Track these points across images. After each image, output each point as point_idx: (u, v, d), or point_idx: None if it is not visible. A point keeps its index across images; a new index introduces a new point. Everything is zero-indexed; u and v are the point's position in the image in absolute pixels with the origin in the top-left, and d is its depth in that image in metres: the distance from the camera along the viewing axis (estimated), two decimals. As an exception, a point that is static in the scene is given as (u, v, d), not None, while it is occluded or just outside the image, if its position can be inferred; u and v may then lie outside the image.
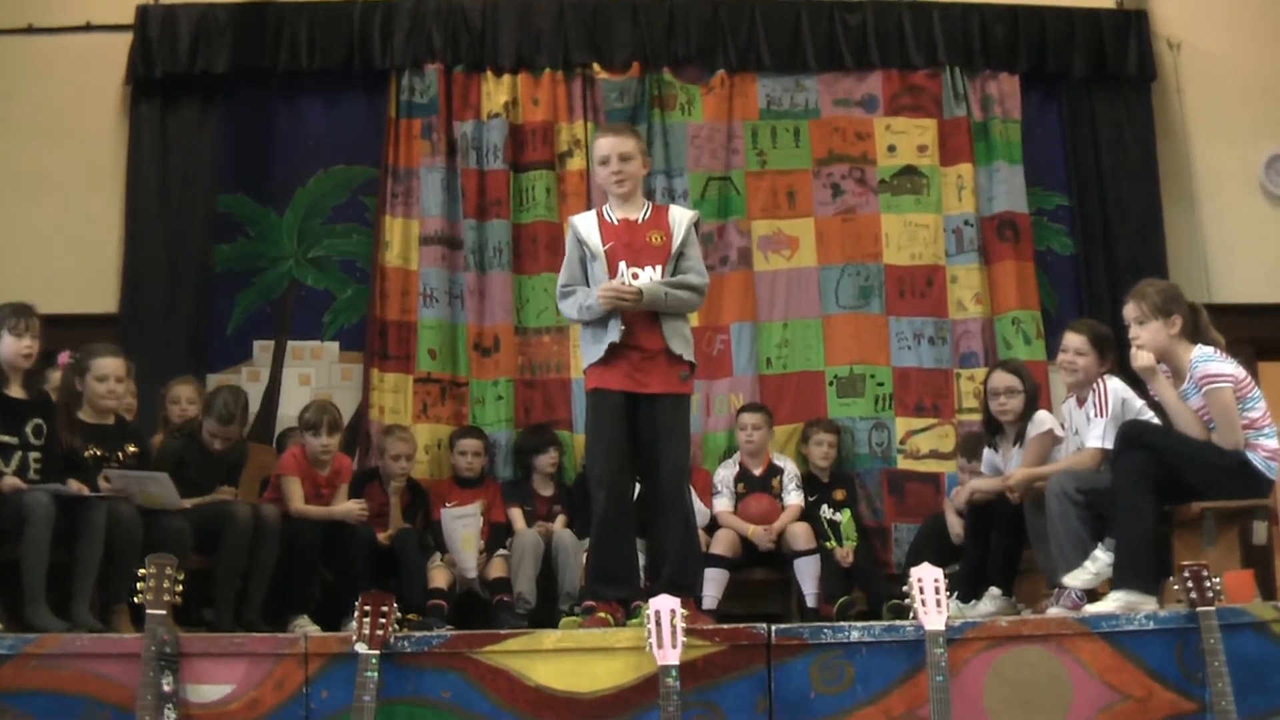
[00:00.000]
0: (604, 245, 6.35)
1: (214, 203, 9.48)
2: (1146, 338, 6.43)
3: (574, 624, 6.27)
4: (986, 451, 7.72)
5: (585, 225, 6.47)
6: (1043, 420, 7.41)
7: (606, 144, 6.47)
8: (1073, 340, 7.17)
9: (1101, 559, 6.27)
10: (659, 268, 6.33)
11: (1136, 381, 6.80)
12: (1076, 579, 6.35)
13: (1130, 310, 6.52)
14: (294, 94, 9.75)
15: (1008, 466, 7.43)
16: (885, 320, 9.45)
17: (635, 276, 6.27)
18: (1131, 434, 6.34)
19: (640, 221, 6.45)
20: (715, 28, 9.76)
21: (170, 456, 7.43)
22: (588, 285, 6.38)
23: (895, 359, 9.43)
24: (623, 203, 6.49)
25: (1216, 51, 10.04)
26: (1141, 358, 6.41)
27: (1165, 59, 9.97)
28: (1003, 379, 7.52)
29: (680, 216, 6.50)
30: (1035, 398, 7.52)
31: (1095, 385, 6.96)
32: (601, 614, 6.16)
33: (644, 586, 6.38)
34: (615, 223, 6.44)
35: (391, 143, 9.53)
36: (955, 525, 8.10)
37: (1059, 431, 7.33)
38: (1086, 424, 6.98)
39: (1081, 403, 7.08)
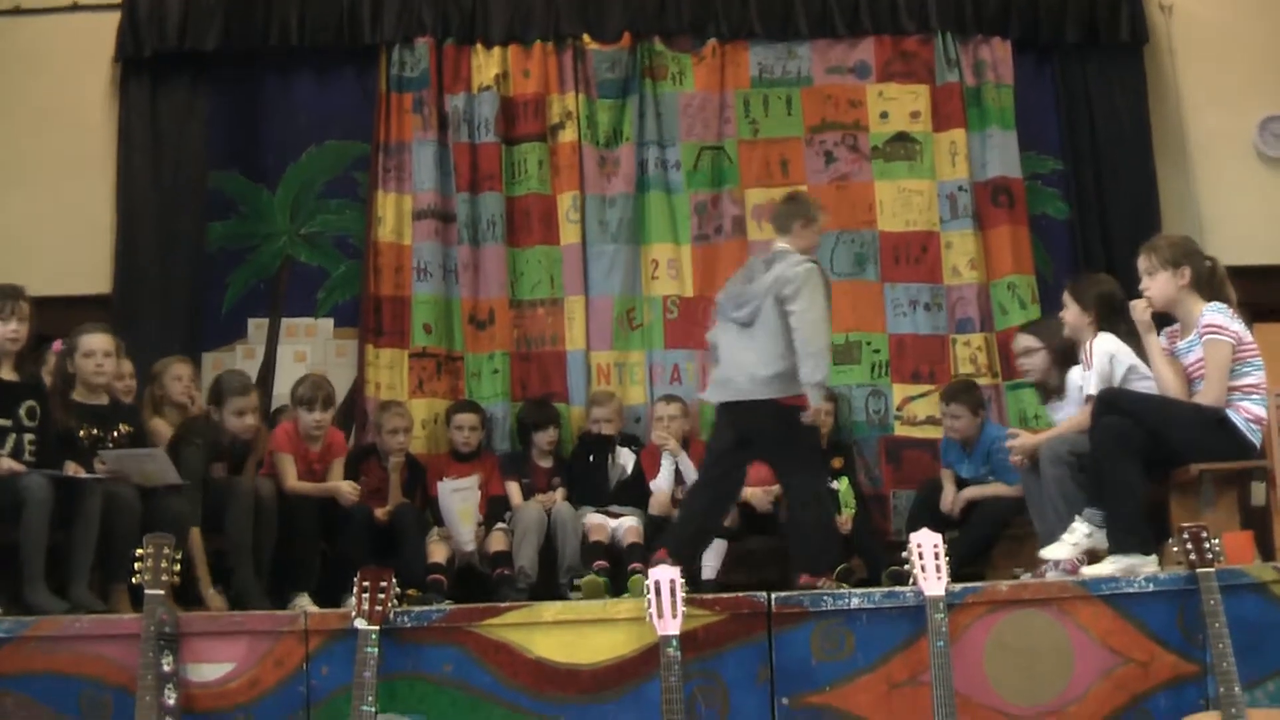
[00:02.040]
0: None
1: (206, 181, 9.45)
2: (1155, 289, 6.47)
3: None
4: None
5: None
6: (1075, 381, 7.30)
7: None
8: (1019, 342, 7.70)
9: (1079, 530, 6.27)
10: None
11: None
12: (1054, 551, 6.36)
13: (1142, 262, 6.58)
14: (284, 70, 9.71)
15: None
16: (880, 287, 9.43)
17: None
18: (1107, 399, 6.36)
19: None
20: (706, -4, 9.73)
21: (199, 444, 7.41)
22: None
23: (891, 326, 9.41)
24: None
25: (1208, 14, 9.99)
26: (1139, 308, 6.45)
27: (1157, 22, 9.93)
28: (1020, 341, 7.76)
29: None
30: (1067, 352, 7.37)
31: (1085, 344, 6.93)
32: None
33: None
34: None
35: (383, 117, 9.49)
36: (949, 494, 8.14)
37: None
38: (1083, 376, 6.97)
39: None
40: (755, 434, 7.27)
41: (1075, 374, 7.15)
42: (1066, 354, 7.35)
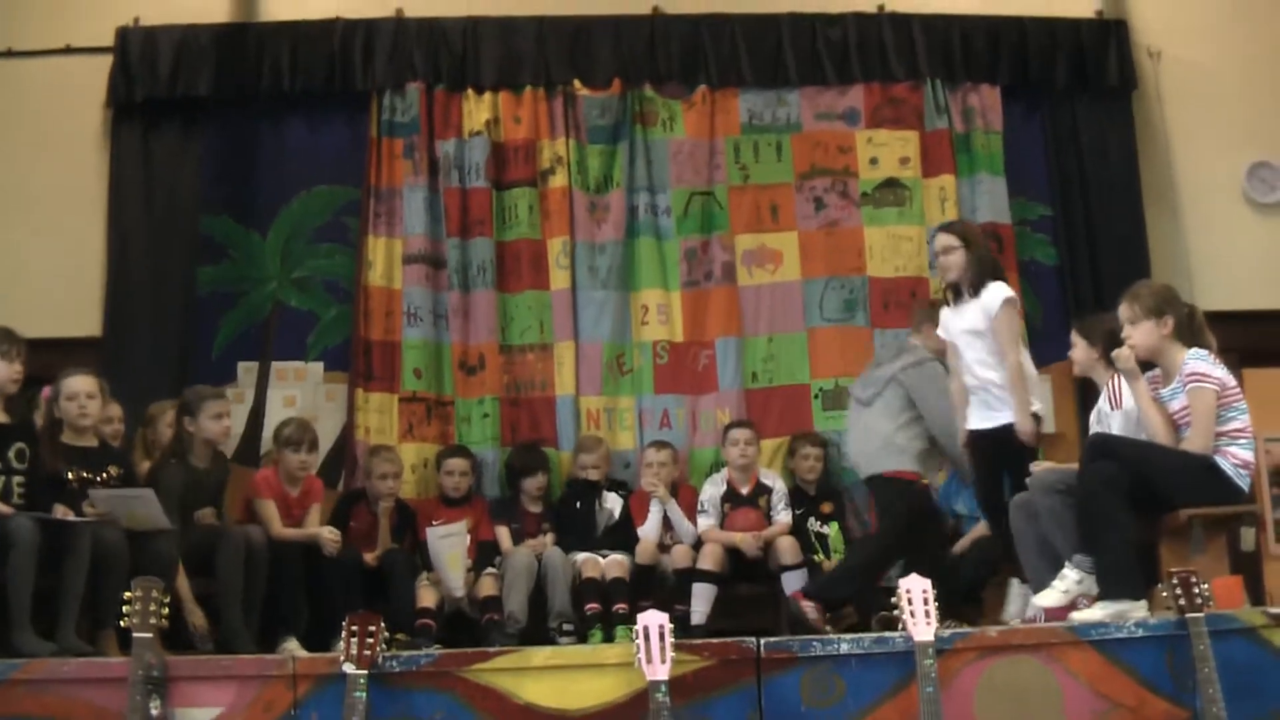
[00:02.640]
0: None
1: (197, 225, 9.45)
2: (1138, 338, 6.48)
3: None
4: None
5: None
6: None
7: None
8: (939, 241, 7.63)
9: (1070, 577, 6.25)
10: None
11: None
12: (1046, 599, 6.34)
13: (1123, 311, 6.58)
14: (276, 115, 9.73)
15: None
16: (870, 332, 9.44)
17: None
18: (1098, 444, 6.37)
19: None
20: (696, 43, 9.76)
21: (170, 482, 7.39)
22: None
23: (881, 371, 9.40)
24: None
25: (1196, 60, 10.05)
26: (1123, 356, 6.46)
27: (1146, 68, 9.98)
28: (940, 240, 7.70)
29: None
30: (985, 261, 7.57)
31: (1111, 379, 6.92)
32: None
33: None
34: None
35: (374, 162, 9.51)
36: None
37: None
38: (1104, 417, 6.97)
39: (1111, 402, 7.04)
40: None
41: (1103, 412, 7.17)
42: (984, 263, 7.51)
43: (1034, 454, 7.33)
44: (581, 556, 8.36)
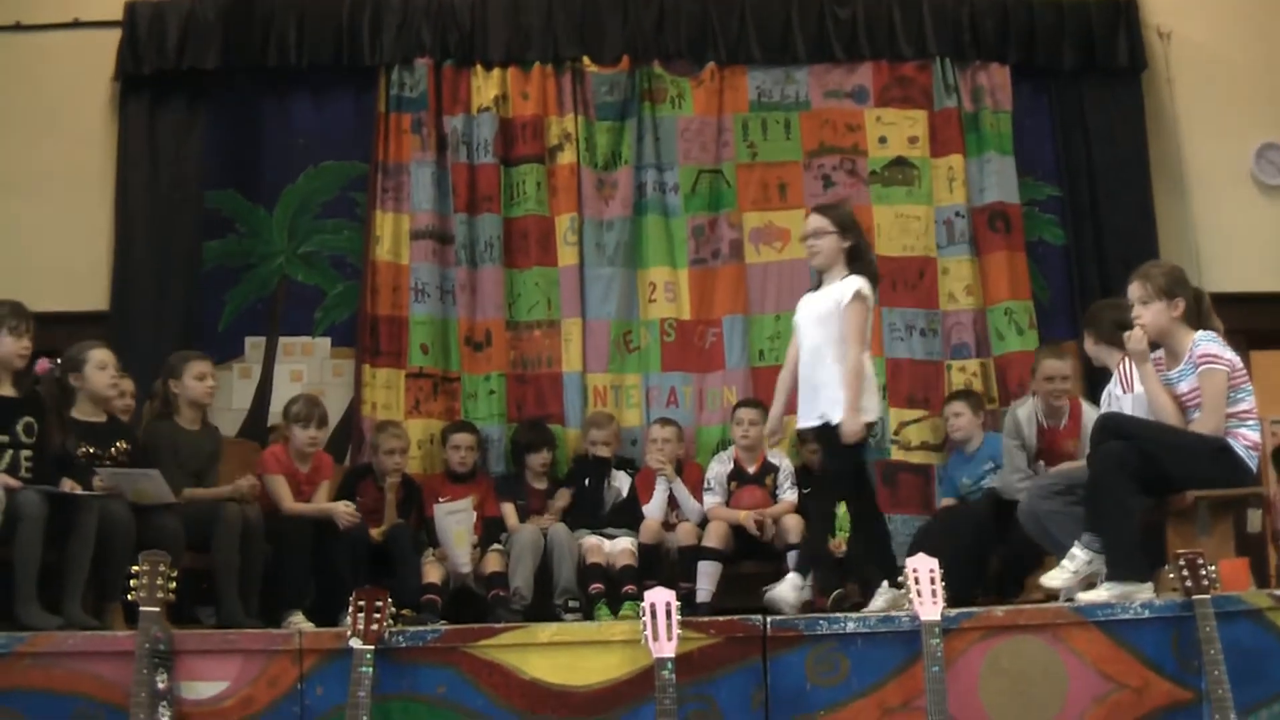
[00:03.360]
0: None
1: (203, 199, 9.46)
2: (1149, 318, 6.40)
3: None
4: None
5: None
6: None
7: None
8: (810, 223, 7.18)
9: (1080, 557, 6.21)
10: None
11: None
12: (1054, 579, 6.33)
13: (1135, 290, 6.48)
14: (283, 90, 9.74)
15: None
16: (877, 312, 9.42)
17: None
18: (1109, 425, 6.34)
19: None
20: (705, 21, 9.74)
21: (158, 441, 7.46)
22: None
23: (888, 350, 9.40)
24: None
25: (1206, 41, 10.02)
26: (1135, 338, 6.39)
27: (1155, 49, 9.96)
28: (810, 222, 7.22)
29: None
30: (853, 253, 7.16)
31: (1122, 363, 6.89)
32: None
33: None
34: None
35: (381, 138, 9.51)
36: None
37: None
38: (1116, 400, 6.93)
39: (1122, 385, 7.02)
40: None
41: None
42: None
43: (851, 455, 6.98)
44: (587, 541, 8.33)
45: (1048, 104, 9.95)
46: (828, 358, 6.92)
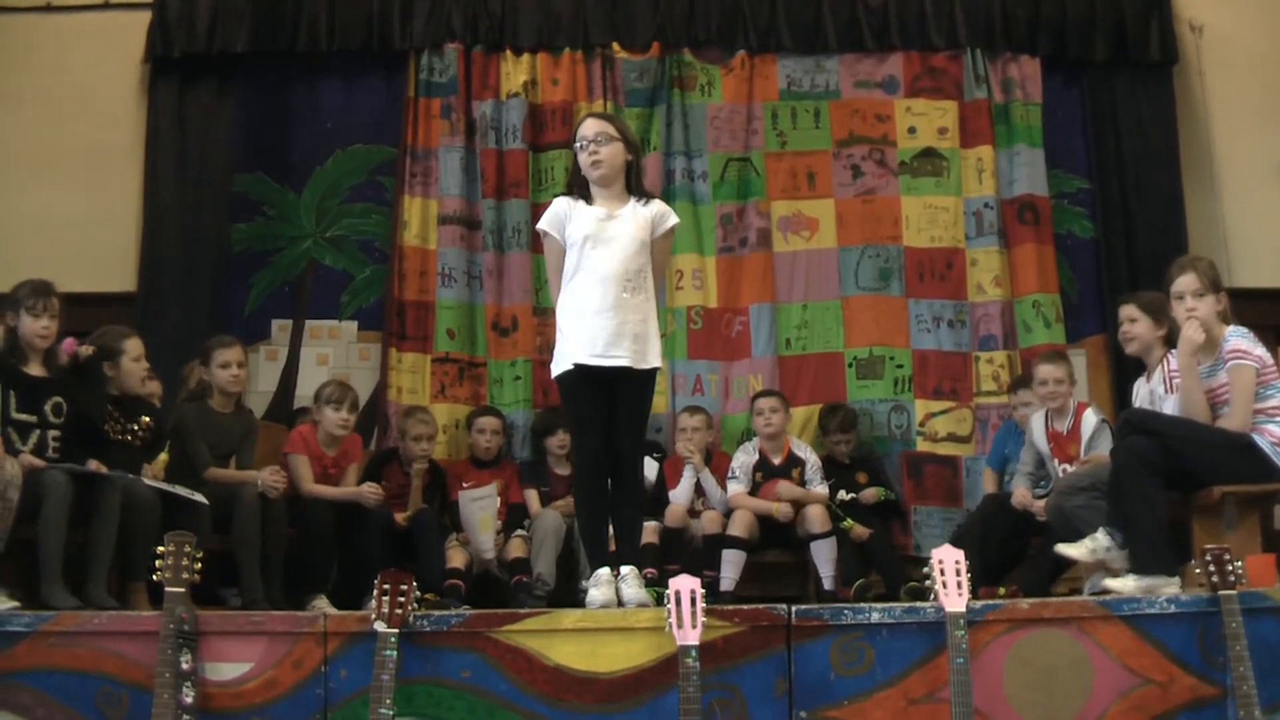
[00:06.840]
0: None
1: (231, 182, 9.49)
2: (1203, 311, 6.36)
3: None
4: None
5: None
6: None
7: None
8: (1125, 310, 7.08)
9: (1101, 539, 6.23)
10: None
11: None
12: (1072, 549, 6.32)
13: (1189, 281, 6.42)
14: (313, 74, 9.76)
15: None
16: (905, 302, 9.42)
17: None
18: (1133, 420, 6.32)
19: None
20: (736, 8, 9.72)
21: (188, 421, 7.53)
22: None
23: (915, 341, 9.39)
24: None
25: (1238, 35, 9.97)
26: (1195, 330, 6.32)
27: (1187, 42, 9.91)
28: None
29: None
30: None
31: (1165, 361, 6.85)
32: None
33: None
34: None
35: (410, 122, 9.53)
36: (1021, 494, 7.92)
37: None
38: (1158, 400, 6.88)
39: (1149, 378, 6.98)
40: None
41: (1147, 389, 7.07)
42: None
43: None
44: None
45: (1079, 96, 9.92)
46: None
